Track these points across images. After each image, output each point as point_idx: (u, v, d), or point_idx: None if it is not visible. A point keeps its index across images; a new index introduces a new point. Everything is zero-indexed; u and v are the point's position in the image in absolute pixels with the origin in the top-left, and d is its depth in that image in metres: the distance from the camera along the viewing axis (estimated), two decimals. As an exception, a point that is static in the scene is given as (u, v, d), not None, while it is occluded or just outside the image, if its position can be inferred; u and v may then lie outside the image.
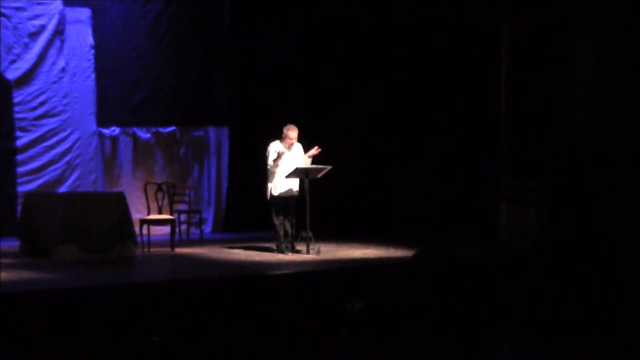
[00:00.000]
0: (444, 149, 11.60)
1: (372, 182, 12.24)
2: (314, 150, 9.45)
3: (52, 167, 11.48)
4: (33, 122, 11.39)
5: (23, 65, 11.30)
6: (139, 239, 9.68)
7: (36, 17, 11.37)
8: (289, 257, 9.34)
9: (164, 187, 10.58)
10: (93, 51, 11.68)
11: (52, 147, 11.49)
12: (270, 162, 9.42)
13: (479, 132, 11.03)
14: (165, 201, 10.53)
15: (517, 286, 3.41)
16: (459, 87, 11.33)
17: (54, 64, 11.48)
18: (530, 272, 7.22)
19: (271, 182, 9.50)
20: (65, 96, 11.55)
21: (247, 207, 11.99)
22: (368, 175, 12.26)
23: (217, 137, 12.46)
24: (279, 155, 9.34)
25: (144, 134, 12.08)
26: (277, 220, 9.52)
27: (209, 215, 12.36)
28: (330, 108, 12.37)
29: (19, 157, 11.33)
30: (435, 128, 11.71)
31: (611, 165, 8.90)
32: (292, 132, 9.45)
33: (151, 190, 10.49)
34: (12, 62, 11.25)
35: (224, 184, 12.47)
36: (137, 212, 11.14)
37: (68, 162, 11.57)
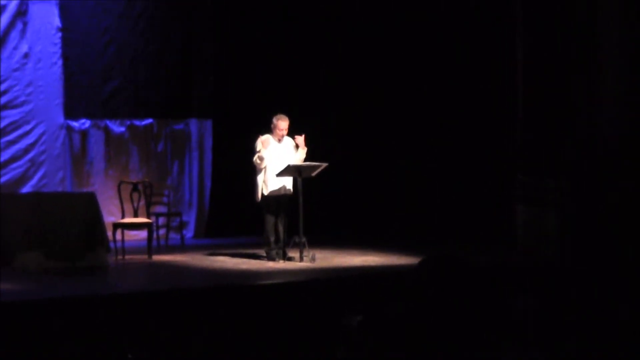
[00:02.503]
0: (453, 145, 11.63)
1: (373, 181, 12.26)
2: (301, 139, 9.43)
3: (13, 165, 11.47)
4: (-8, 114, 11.40)
5: (-19, 51, 11.31)
6: (112, 245, 9.69)
7: (-5, -5, 11.37)
8: (280, 265, 9.36)
9: (140, 186, 10.59)
10: (60, 34, 11.67)
11: (13, 142, 11.48)
12: (253, 159, 9.41)
13: (491, 126, 11.07)
14: (142, 202, 10.54)
15: (534, 296, 3.44)
16: (468, 78, 11.36)
17: (15, 48, 11.46)
18: (549, 281, 7.26)
19: (261, 180, 9.51)
20: (28, 85, 11.55)
21: (234, 209, 12.00)
22: (369, 174, 12.28)
23: (200, 130, 12.47)
24: (264, 145, 9.31)
25: (117, 128, 12.08)
26: (269, 224, 9.53)
27: (190, 218, 12.37)
28: (327, 99, 12.38)
29: (-23, 154, 11.34)
30: (443, 123, 11.74)
31: (640, 162, 8.94)
32: (282, 122, 9.46)
33: (126, 190, 10.50)
34: (-31, 46, 11.26)
35: (208, 183, 12.47)
36: (110, 215, 11.14)
37: (32, 159, 11.57)
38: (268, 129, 9.55)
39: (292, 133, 9.62)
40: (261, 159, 9.37)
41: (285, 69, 12.28)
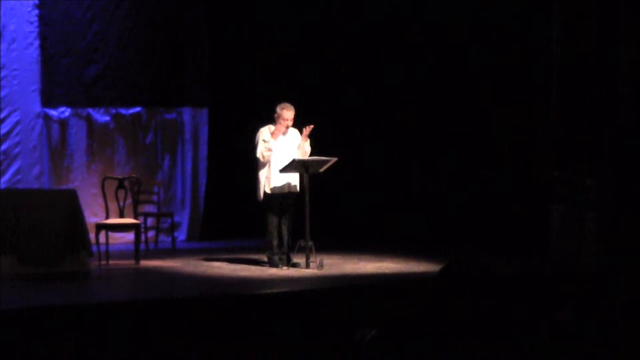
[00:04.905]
0: (478, 138, 11.61)
1: (389, 178, 12.26)
2: (307, 129, 9.43)
3: (-16, 158, 11.52)
4: (-39, 102, 11.43)
5: (-53, 30, 11.34)
6: (94, 248, 9.71)
7: (-38, -33, 11.40)
8: (284, 272, 9.37)
9: (126, 183, 10.60)
10: (37, 11, 11.70)
11: (-15, 132, 11.54)
12: (258, 153, 9.42)
13: (523, 119, 11.05)
14: (128, 201, 10.55)
15: (571, 309, 3.43)
16: (496, 67, 11.36)
17: (-14, 27, 11.51)
18: (588, 292, 7.25)
19: (263, 176, 9.51)
20: (1, 68, 11.57)
21: (232, 209, 12.01)
22: (384, 170, 12.27)
23: (194, 120, 12.48)
24: (274, 135, 9.33)
25: (101, 117, 12.10)
26: (271, 226, 9.53)
27: (183, 219, 12.40)
28: (337, 86, 12.36)
29: (-56, 146, 11.38)
30: (466, 113, 11.73)
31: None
32: (287, 112, 9.46)
33: (110, 187, 10.52)
34: None
35: (202, 180, 12.49)
36: (93, 215, 11.17)
37: (5, 152, 11.60)
38: (271, 119, 9.55)
39: (297, 125, 9.60)
40: (269, 150, 9.36)
41: (290, 52, 12.26)
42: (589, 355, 3.19)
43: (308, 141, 9.54)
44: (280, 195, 9.51)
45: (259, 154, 9.44)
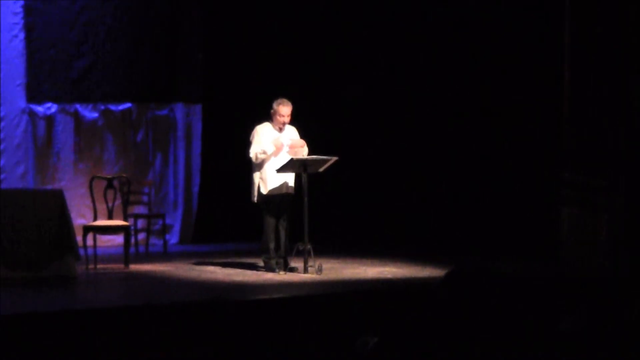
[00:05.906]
0: (486, 137, 11.62)
1: (392, 178, 12.26)
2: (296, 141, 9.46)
3: (-33, 157, 11.52)
4: (-59, 97, 11.43)
5: None
6: (82, 252, 9.71)
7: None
8: (281, 276, 9.37)
9: (115, 183, 10.61)
10: (22, 2, 11.69)
11: (-33, 129, 11.54)
12: (252, 153, 9.41)
13: (532, 117, 11.06)
14: (118, 202, 10.56)
15: (582, 315, 3.44)
16: (504, 63, 11.37)
17: (-32, 19, 11.51)
18: (599, 297, 7.25)
19: (257, 177, 9.51)
20: (-16, 62, 11.59)
21: (226, 211, 12.01)
22: (386, 170, 12.27)
23: (187, 117, 12.48)
24: (276, 145, 9.35)
25: (89, 113, 12.10)
26: (268, 228, 9.53)
27: (175, 220, 12.39)
28: (336, 84, 12.35)
29: None
30: (474, 113, 11.74)
31: None
32: (283, 108, 9.45)
33: (99, 187, 10.52)
34: None
35: (196, 180, 12.49)
36: (80, 217, 11.17)
37: (-12, 150, 11.61)
38: (268, 115, 9.55)
39: (296, 122, 9.61)
40: (266, 153, 9.36)
41: (288, 48, 12.24)
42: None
43: (305, 148, 9.51)
44: (277, 197, 9.51)
45: (252, 154, 9.43)
